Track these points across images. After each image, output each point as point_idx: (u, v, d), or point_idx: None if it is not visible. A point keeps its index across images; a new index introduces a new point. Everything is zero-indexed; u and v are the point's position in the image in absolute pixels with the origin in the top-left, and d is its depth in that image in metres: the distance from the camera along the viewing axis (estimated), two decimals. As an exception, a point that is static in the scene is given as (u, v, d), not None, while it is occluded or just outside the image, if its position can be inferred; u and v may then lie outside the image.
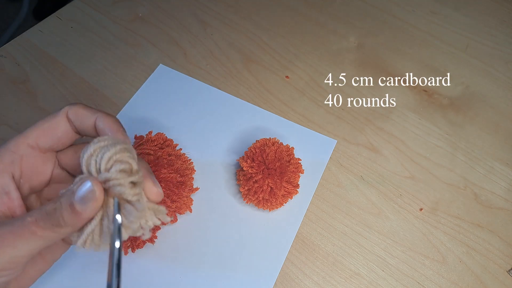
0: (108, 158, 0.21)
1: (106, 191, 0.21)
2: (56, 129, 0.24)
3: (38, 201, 0.26)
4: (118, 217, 0.21)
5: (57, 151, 0.26)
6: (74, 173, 0.27)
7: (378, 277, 0.37)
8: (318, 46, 0.54)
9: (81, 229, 0.22)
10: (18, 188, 0.24)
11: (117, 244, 0.20)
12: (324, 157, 0.44)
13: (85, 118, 0.24)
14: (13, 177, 0.23)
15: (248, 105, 0.48)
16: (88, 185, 0.20)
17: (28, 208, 0.25)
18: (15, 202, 0.23)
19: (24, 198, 0.25)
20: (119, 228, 0.21)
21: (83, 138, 0.26)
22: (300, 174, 0.40)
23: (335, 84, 0.50)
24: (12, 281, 0.23)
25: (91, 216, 0.21)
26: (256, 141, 0.40)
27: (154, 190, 0.23)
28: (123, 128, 0.24)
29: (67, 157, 0.26)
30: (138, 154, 0.37)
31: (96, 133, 0.24)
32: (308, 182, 0.42)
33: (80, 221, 0.21)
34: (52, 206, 0.21)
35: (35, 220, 0.20)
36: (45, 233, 0.20)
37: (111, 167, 0.21)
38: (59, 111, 0.24)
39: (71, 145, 0.26)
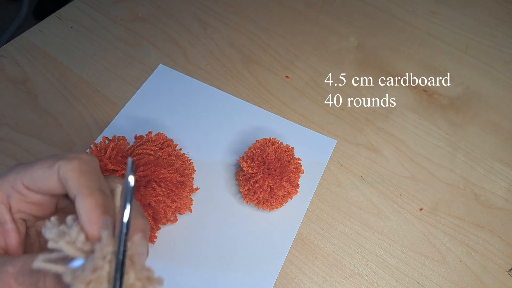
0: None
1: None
2: (45, 183, 0.22)
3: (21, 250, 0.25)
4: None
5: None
6: None
7: (378, 277, 0.37)
8: (318, 46, 0.54)
9: None
10: (16, 221, 0.23)
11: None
12: (324, 157, 0.44)
13: (69, 188, 0.21)
14: (10, 210, 0.23)
15: (248, 105, 0.48)
16: (79, 262, 0.19)
17: (29, 237, 0.24)
18: (10, 235, 0.23)
19: (30, 227, 0.24)
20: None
21: None
22: (300, 174, 0.40)
23: (335, 84, 0.50)
24: None
25: None
26: (256, 141, 0.40)
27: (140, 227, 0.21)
28: (105, 216, 0.20)
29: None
30: (138, 154, 0.37)
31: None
32: (308, 182, 0.42)
33: None
34: (35, 271, 0.19)
35: (16, 273, 0.19)
36: None
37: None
38: (54, 163, 0.22)
39: None
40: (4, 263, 0.20)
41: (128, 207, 0.19)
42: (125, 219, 0.19)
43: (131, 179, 0.20)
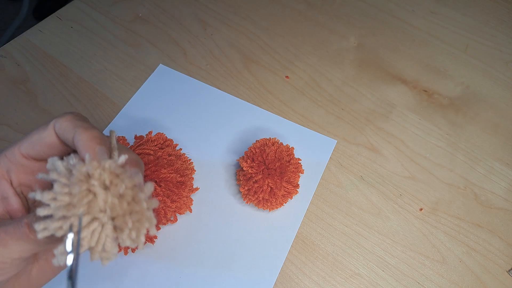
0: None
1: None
2: (43, 142, 0.23)
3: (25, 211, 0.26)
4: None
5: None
6: None
7: (378, 277, 0.37)
8: (318, 46, 0.54)
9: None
10: (18, 194, 0.24)
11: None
12: (324, 157, 0.44)
13: (66, 133, 0.22)
14: (11, 183, 0.23)
15: (248, 105, 0.48)
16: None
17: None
18: (14, 207, 0.23)
19: (31, 205, 0.25)
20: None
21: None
22: (300, 174, 0.40)
23: (335, 84, 0.50)
24: (15, 283, 0.23)
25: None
26: (256, 141, 0.40)
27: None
28: (101, 145, 0.21)
29: None
30: (138, 154, 0.37)
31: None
32: (308, 182, 0.42)
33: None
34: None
35: (30, 223, 0.20)
36: (36, 237, 0.20)
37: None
38: (48, 123, 0.23)
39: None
40: (20, 218, 0.21)
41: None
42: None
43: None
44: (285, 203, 0.39)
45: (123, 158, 0.21)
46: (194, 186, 0.40)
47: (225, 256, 0.37)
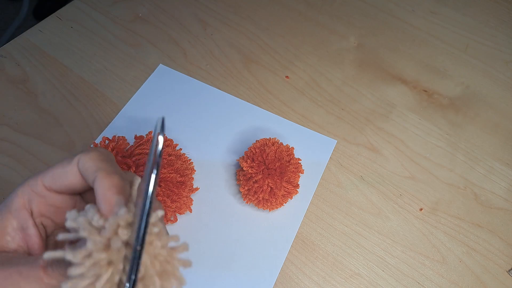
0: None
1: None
2: (66, 177, 0.23)
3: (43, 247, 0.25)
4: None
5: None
6: None
7: (378, 277, 0.37)
8: (318, 46, 0.54)
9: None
10: (37, 225, 0.23)
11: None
12: (324, 157, 0.44)
13: (88, 174, 0.22)
14: (32, 214, 0.23)
15: (248, 105, 0.48)
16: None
17: (52, 246, 0.24)
18: (32, 239, 0.23)
19: (50, 235, 0.24)
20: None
21: None
22: (300, 174, 0.40)
23: (335, 84, 0.50)
24: None
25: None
26: (256, 141, 0.40)
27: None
28: (119, 197, 0.20)
29: (92, 195, 0.24)
30: (138, 154, 0.37)
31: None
32: (308, 182, 0.42)
33: None
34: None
35: (45, 265, 0.20)
36: (51, 281, 0.20)
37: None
38: (73, 158, 0.22)
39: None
40: (35, 258, 0.20)
41: (154, 172, 0.18)
42: (151, 186, 0.18)
43: (161, 139, 0.18)
44: (285, 203, 0.39)
45: (161, 214, 0.20)
46: (194, 186, 0.40)
47: (225, 256, 0.37)
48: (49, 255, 0.18)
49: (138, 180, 0.22)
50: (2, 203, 0.23)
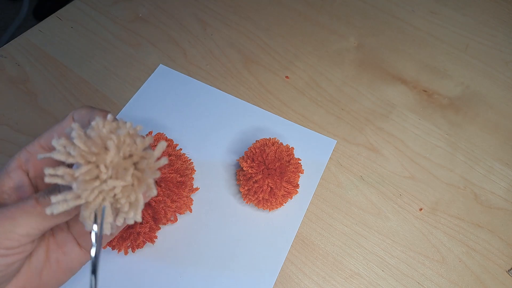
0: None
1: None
2: (62, 130, 0.24)
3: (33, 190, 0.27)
4: (94, 226, 0.20)
5: None
6: None
7: (378, 277, 0.37)
8: (318, 46, 0.54)
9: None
10: (33, 186, 0.25)
11: (92, 252, 0.20)
12: (324, 157, 0.44)
13: (84, 117, 0.24)
14: (28, 174, 0.24)
15: (248, 105, 0.48)
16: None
17: None
18: (21, 182, 0.24)
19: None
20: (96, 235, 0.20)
21: None
22: (300, 174, 0.40)
23: (335, 84, 0.50)
24: (26, 285, 0.23)
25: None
26: (256, 141, 0.40)
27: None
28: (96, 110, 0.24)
29: None
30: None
31: None
32: (308, 182, 0.42)
33: None
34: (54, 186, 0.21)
35: (38, 196, 0.21)
36: (44, 210, 0.21)
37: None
38: (67, 116, 0.24)
39: None
40: (29, 196, 0.22)
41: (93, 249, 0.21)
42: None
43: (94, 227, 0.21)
44: (285, 203, 0.39)
45: (139, 126, 0.22)
46: (194, 186, 0.40)
47: (225, 256, 0.37)
48: (48, 171, 0.19)
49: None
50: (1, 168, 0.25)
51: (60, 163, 0.22)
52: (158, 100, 0.47)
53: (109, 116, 0.21)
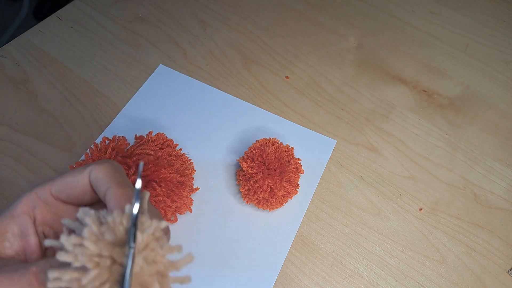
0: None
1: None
2: (76, 186, 0.23)
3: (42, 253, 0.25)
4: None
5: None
6: None
7: (377, 277, 0.37)
8: (318, 46, 0.54)
9: None
10: (38, 234, 0.23)
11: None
12: (324, 157, 0.44)
13: (100, 184, 0.22)
14: (34, 222, 0.23)
15: (248, 105, 0.48)
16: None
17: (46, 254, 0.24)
18: (32, 247, 0.23)
19: (49, 247, 0.24)
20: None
21: None
22: (300, 174, 0.40)
23: (335, 84, 0.50)
24: None
25: None
26: (256, 141, 0.40)
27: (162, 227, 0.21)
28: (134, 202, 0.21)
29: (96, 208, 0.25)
30: (138, 154, 0.37)
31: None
32: (308, 182, 0.42)
33: None
34: (58, 261, 0.20)
35: (38, 272, 0.19)
36: (42, 286, 0.19)
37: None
38: (84, 169, 0.23)
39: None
40: (29, 265, 0.20)
41: (137, 203, 0.19)
42: (135, 210, 0.19)
43: (138, 183, 0.20)
44: (285, 203, 0.39)
45: (164, 224, 0.20)
46: (194, 186, 0.40)
47: (225, 256, 0.37)
48: (49, 242, 0.18)
49: (147, 195, 0.22)
50: (6, 207, 0.23)
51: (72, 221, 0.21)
52: (158, 100, 0.47)
53: (127, 208, 0.19)
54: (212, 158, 0.43)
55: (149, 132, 0.41)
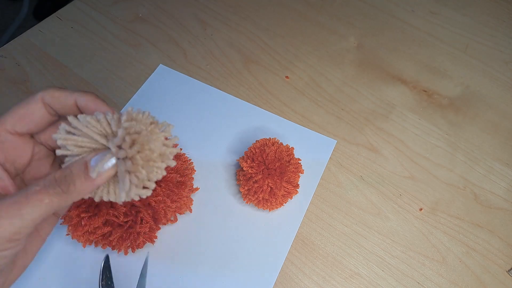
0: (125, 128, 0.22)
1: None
2: (32, 115, 0.24)
3: (22, 182, 0.26)
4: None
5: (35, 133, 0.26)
6: (54, 148, 0.27)
7: (378, 277, 0.37)
8: (318, 46, 0.54)
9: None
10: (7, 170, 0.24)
11: None
12: (324, 157, 0.44)
13: (64, 99, 0.24)
14: None
15: (248, 105, 0.48)
16: (107, 156, 0.22)
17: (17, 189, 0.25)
18: (6, 182, 0.24)
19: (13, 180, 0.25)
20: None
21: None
22: (300, 174, 0.40)
23: (335, 84, 0.50)
24: (18, 257, 0.23)
25: (104, 183, 0.22)
26: (256, 141, 0.40)
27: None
28: (105, 102, 0.25)
29: (46, 135, 0.27)
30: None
31: (78, 111, 0.25)
32: (308, 182, 0.42)
33: (92, 188, 0.22)
34: (62, 174, 0.21)
35: (44, 187, 0.21)
36: (52, 199, 0.21)
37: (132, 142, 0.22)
38: (33, 96, 0.24)
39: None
40: (29, 188, 0.21)
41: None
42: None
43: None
44: (285, 203, 0.39)
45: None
46: (194, 186, 0.40)
47: (225, 256, 0.37)
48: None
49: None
50: None
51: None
52: (158, 100, 0.47)
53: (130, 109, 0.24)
54: (212, 158, 0.43)
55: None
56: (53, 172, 0.22)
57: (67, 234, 0.34)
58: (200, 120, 0.46)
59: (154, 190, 0.35)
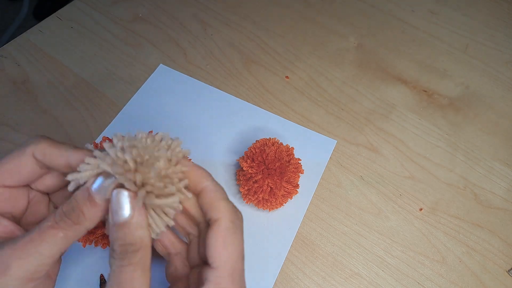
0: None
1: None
2: (21, 170, 0.23)
3: (21, 228, 0.26)
4: None
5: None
6: (53, 190, 0.27)
7: (378, 277, 0.37)
8: (318, 46, 0.54)
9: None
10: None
11: None
12: (324, 157, 0.44)
13: (55, 158, 0.23)
14: None
15: (248, 105, 0.48)
16: (108, 180, 0.22)
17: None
18: (10, 227, 0.23)
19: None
20: None
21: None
22: (300, 174, 0.40)
23: (335, 84, 0.50)
24: None
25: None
26: (256, 141, 0.40)
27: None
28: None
29: (39, 183, 0.26)
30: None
31: (69, 170, 0.24)
32: (308, 182, 0.42)
33: (100, 212, 0.22)
34: (69, 205, 0.21)
35: (55, 221, 0.21)
36: (66, 233, 0.21)
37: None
38: (24, 149, 0.23)
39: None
40: (40, 225, 0.21)
41: None
42: None
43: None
44: (285, 203, 0.39)
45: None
46: (194, 186, 0.40)
47: (225, 256, 0.37)
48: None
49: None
50: None
51: None
52: (158, 100, 0.47)
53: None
54: (212, 158, 0.43)
55: (149, 132, 0.41)
56: (59, 207, 0.22)
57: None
58: (200, 120, 0.46)
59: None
